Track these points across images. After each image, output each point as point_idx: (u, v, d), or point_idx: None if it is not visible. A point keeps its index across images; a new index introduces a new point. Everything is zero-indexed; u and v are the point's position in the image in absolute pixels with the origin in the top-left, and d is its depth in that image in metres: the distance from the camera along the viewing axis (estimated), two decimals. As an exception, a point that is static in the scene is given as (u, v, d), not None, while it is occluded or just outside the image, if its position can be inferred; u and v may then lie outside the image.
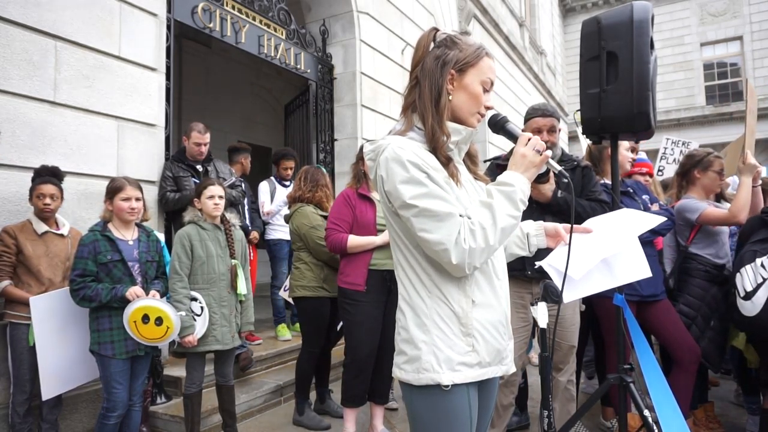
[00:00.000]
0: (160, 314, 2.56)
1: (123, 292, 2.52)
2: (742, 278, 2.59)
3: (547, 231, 1.52)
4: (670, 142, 4.98)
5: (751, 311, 2.52)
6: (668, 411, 1.91)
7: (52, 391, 2.65)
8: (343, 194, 3.06)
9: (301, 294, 3.35)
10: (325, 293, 3.32)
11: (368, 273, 2.90)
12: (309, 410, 3.44)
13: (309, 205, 3.41)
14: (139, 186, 2.74)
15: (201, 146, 3.91)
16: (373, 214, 2.97)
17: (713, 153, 3.16)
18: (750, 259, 2.59)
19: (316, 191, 3.45)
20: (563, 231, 1.52)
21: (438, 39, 1.32)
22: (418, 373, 1.23)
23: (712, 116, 16.47)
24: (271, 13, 5.24)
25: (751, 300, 2.52)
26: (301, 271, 3.38)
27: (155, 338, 2.58)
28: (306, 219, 3.34)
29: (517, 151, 1.29)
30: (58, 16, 3.21)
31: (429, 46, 1.32)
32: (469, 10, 9.06)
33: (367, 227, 2.93)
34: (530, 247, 1.52)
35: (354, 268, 2.93)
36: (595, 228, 1.60)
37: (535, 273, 2.47)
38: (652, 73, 2.05)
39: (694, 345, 2.81)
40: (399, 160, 1.20)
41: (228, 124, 8.60)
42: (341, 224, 2.95)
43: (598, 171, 3.01)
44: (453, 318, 1.23)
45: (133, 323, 2.51)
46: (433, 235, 1.17)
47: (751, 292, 2.53)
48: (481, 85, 1.30)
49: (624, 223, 1.67)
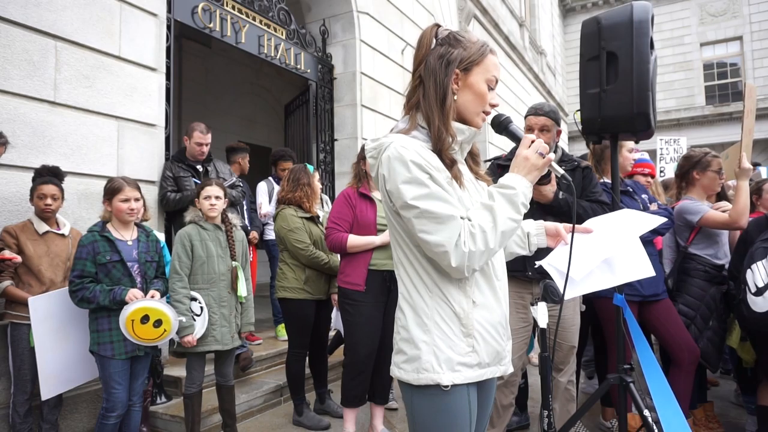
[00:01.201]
0: (161, 317, 2.56)
1: (122, 296, 2.51)
2: (753, 274, 2.58)
3: (548, 230, 1.52)
4: (664, 142, 5.03)
5: (762, 307, 2.51)
6: (669, 411, 1.91)
7: (51, 391, 2.65)
8: (344, 193, 3.06)
9: (283, 295, 3.35)
10: (307, 295, 3.32)
11: (368, 273, 2.90)
12: (308, 410, 3.44)
13: (291, 206, 3.39)
14: (137, 186, 2.73)
15: (202, 146, 3.91)
16: (373, 213, 2.96)
17: (711, 153, 3.16)
18: (762, 255, 2.58)
19: (296, 191, 3.41)
20: (564, 231, 1.52)
21: (440, 36, 1.29)
22: (417, 373, 1.23)
23: (711, 116, 16.47)
24: (271, 13, 5.24)
25: (763, 296, 2.51)
26: (283, 272, 3.38)
27: (150, 339, 2.56)
28: (285, 222, 3.33)
29: (520, 154, 1.28)
30: (58, 16, 3.21)
31: (431, 44, 1.29)
32: (469, 10, 9.06)
33: (368, 227, 2.93)
34: (530, 247, 1.52)
35: (354, 268, 2.93)
36: (596, 228, 1.61)
37: (536, 273, 2.47)
38: (652, 73, 2.05)
39: (693, 345, 2.81)
40: (402, 160, 1.19)
41: (228, 124, 8.60)
42: (341, 224, 2.94)
43: (600, 170, 3.01)
44: (454, 318, 1.23)
45: (131, 322, 2.49)
46: (433, 236, 1.16)
47: (763, 288, 2.52)
48: (486, 83, 1.28)
49: (624, 224, 1.67)
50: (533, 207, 2.32)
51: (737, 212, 2.83)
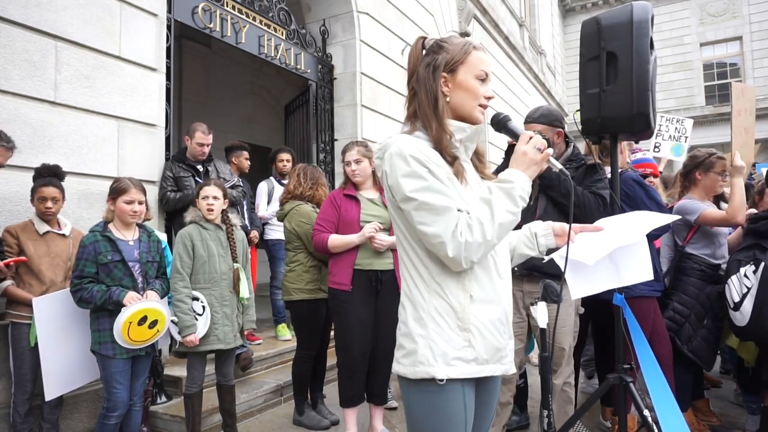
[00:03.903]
0: (157, 317, 2.56)
1: (119, 297, 2.50)
2: (730, 289, 2.62)
3: (555, 230, 1.53)
4: (665, 119, 5.00)
5: (741, 321, 2.55)
6: (668, 411, 1.91)
7: (55, 392, 2.65)
8: (330, 196, 3.09)
9: (299, 297, 3.26)
10: (322, 294, 3.27)
11: (354, 273, 2.89)
12: (309, 410, 3.44)
13: (308, 203, 3.37)
14: (143, 189, 2.73)
15: (204, 146, 3.91)
16: (357, 211, 2.94)
17: (716, 154, 3.16)
18: (735, 269, 2.62)
19: (316, 189, 3.41)
20: (572, 231, 1.53)
21: (426, 47, 1.36)
22: (414, 367, 1.24)
23: (711, 116, 16.48)
24: (271, 14, 5.24)
25: (739, 311, 2.54)
26: (297, 273, 3.29)
27: (143, 340, 2.56)
28: (305, 218, 3.27)
29: (519, 149, 1.31)
30: (59, 16, 3.21)
31: (420, 56, 1.36)
32: (469, 10, 9.07)
33: (351, 225, 2.92)
34: (539, 247, 1.52)
35: (340, 268, 2.93)
36: (607, 226, 1.63)
37: (523, 270, 2.48)
38: (651, 74, 2.05)
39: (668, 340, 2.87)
40: (401, 155, 1.24)
41: (228, 124, 8.60)
42: (325, 225, 2.96)
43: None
44: (450, 312, 1.24)
45: (128, 324, 2.47)
46: (430, 228, 1.20)
47: (739, 303, 2.55)
48: (475, 78, 1.32)
49: (635, 221, 1.69)
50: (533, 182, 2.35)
51: (733, 209, 2.84)
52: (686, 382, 3.03)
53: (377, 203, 3.02)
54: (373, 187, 3.09)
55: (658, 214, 1.75)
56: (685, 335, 2.95)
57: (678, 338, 2.95)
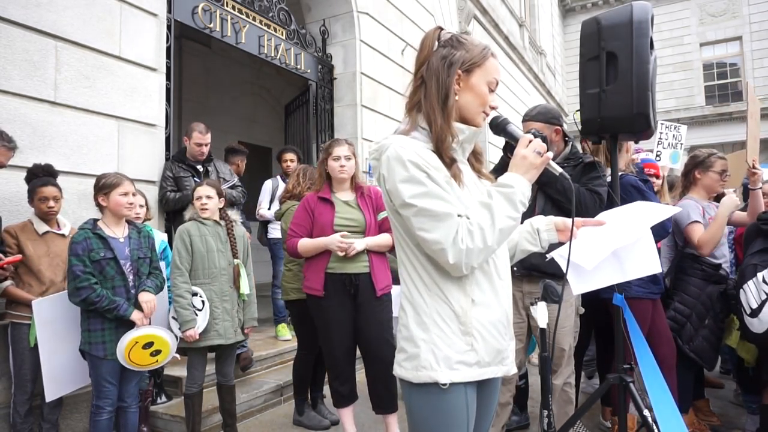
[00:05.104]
0: (162, 347, 2.58)
1: (126, 313, 2.50)
2: (746, 295, 2.53)
3: (557, 226, 1.51)
4: (664, 126, 5.02)
5: (759, 328, 2.46)
6: (667, 411, 1.91)
7: (55, 393, 2.65)
8: (304, 200, 3.00)
9: (296, 297, 3.24)
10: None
11: (326, 277, 2.82)
12: (309, 410, 3.44)
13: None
14: (132, 181, 2.72)
15: (202, 146, 3.91)
16: (330, 215, 2.86)
17: (716, 154, 3.15)
18: (751, 274, 2.53)
19: (313, 187, 3.38)
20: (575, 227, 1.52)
21: (443, 38, 1.32)
22: (416, 371, 1.24)
23: (711, 116, 16.49)
24: (271, 14, 5.24)
25: (758, 317, 2.46)
26: (294, 273, 3.28)
27: (141, 365, 2.56)
28: None
29: (518, 153, 1.29)
30: (59, 16, 3.21)
31: (434, 46, 1.31)
32: (469, 10, 9.07)
33: (324, 228, 2.83)
34: (542, 242, 1.51)
35: (312, 272, 2.87)
36: (608, 220, 1.60)
37: (522, 270, 2.48)
38: (651, 74, 2.05)
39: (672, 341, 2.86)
40: (400, 159, 1.21)
41: (228, 124, 8.59)
42: (298, 229, 2.90)
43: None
44: (452, 317, 1.23)
45: (133, 343, 2.48)
46: (431, 234, 1.18)
47: (757, 309, 2.46)
48: (486, 85, 1.30)
49: (637, 215, 1.67)
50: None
51: (704, 239, 2.88)
52: (687, 382, 3.03)
53: (352, 205, 2.92)
54: (350, 189, 2.99)
55: (659, 206, 1.74)
56: (686, 335, 2.95)
57: (680, 338, 2.95)
